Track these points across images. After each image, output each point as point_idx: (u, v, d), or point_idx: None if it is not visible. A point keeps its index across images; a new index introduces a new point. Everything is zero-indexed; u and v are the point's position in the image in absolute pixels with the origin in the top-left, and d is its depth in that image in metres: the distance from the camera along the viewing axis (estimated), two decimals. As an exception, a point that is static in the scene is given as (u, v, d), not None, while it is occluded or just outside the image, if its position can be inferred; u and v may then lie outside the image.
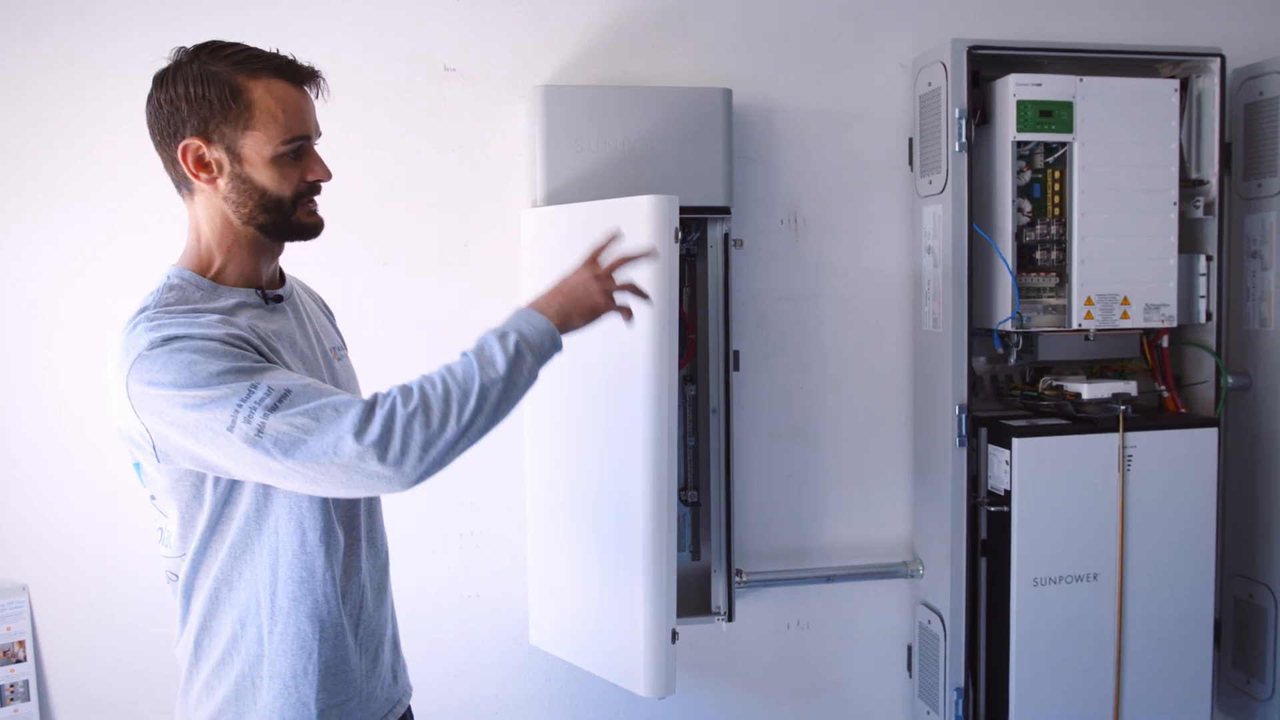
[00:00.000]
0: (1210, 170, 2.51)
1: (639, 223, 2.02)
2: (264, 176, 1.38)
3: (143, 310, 1.33)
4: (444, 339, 2.39)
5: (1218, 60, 2.47)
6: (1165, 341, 2.55)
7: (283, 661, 1.39)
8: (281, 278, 1.53)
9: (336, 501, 1.43)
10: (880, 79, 2.60)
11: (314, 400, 1.25)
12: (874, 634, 2.69)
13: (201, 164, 1.36)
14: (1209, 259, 2.52)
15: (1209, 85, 2.50)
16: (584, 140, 2.30)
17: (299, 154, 1.41)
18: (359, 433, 1.24)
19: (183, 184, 1.40)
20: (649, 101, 2.33)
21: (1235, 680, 2.69)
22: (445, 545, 2.45)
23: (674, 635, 2.07)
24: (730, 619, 2.48)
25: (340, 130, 2.34)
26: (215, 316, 1.32)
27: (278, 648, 1.39)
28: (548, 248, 2.27)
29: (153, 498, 1.40)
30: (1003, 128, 2.39)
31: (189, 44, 1.38)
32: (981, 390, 2.63)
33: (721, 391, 2.43)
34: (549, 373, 1.45)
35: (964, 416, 2.41)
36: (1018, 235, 2.41)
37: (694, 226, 2.44)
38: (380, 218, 2.39)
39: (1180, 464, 2.42)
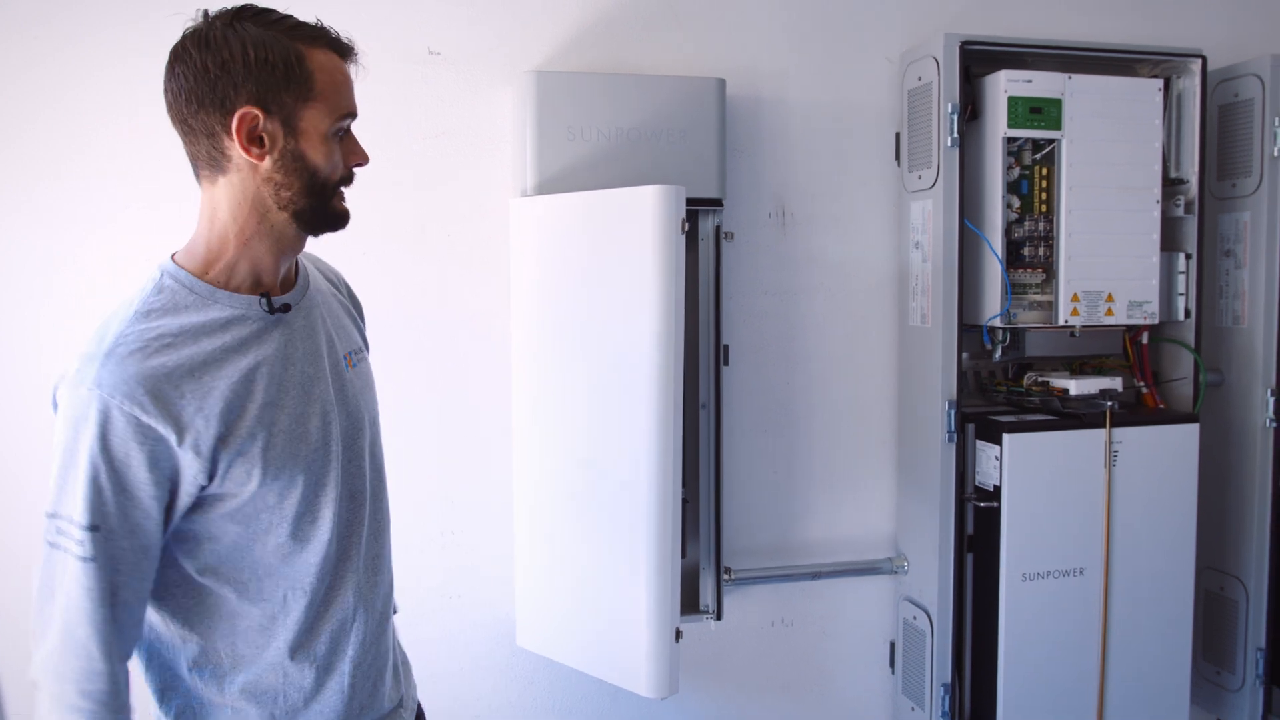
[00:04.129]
0: (1190, 169, 2.55)
1: (644, 214, 1.97)
2: (318, 154, 1.26)
3: (121, 319, 1.22)
4: (424, 328, 2.35)
5: (1199, 61, 2.50)
6: (1145, 338, 2.58)
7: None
8: (295, 278, 1.39)
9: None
10: (868, 73, 2.58)
11: (89, 609, 1.18)
12: (857, 630, 2.68)
13: (252, 137, 1.22)
14: (1188, 257, 2.56)
15: (1190, 85, 2.53)
16: (576, 128, 2.24)
17: (342, 135, 1.31)
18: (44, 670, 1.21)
19: (213, 161, 1.25)
20: (642, 90, 2.28)
21: (1206, 671, 2.74)
22: (425, 545, 2.38)
23: (678, 634, 2.03)
24: (719, 617, 2.45)
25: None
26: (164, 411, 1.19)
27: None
28: (544, 237, 2.20)
29: None
30: (993, 123, 2.38)
31: (209, 9, 1.24)
32: (966, 386, 2.63)
33: (712, 387, 2.40)
34: (544, 369, 1.39)
35: (954, 412, 2.40)
36: (1006, 231, 2.41)
37: (686, 218, 2.39)
38: (359, 204, 2.29)
39: (1163, 460, 2.45)
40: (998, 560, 2.36)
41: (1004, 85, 2.35)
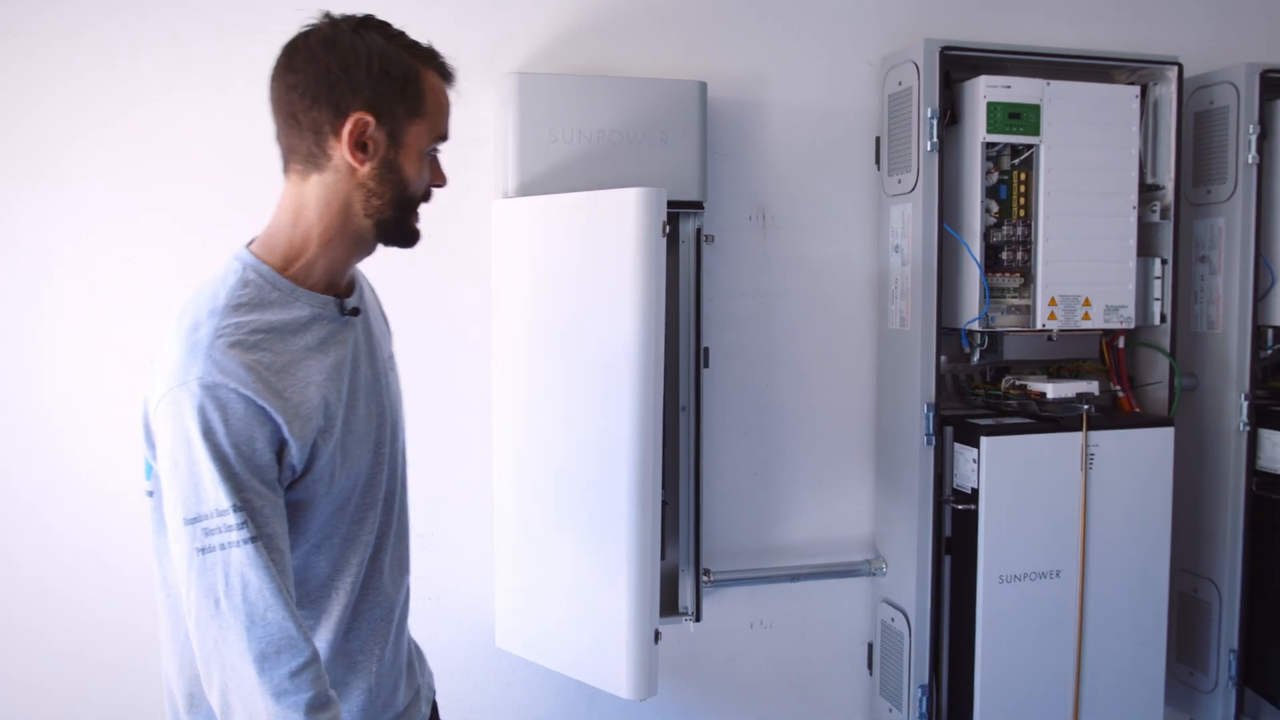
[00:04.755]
0: (1166, 176, 2.57)
1: (626, 216, 1.97)
2: (412, 169, 1.30)
3: (211, 311, 1.20)
4: (405, 329, 2.33)
5: (1175, 69, 2.53)
6: (1121, 342, 2.60)
7: None
8: (353, 283, 1.41)
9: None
10: (848, 77, 2.59)
11: (267, 593, 1.16)
12: (835, 632, 2.69)
13: (359, 142, 1.25)
14: (1164, 262, 2.58)
15: (1166, 93, 2.56)
16: (558, 130, 2.24)
17: (431, 155, 1.35)
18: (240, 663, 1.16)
19: (311, 158, 1.26)
20: (624, 92, 2.28)
21: (1180, 673, 2.77)
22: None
23: (657, 635, 2.03)
24: (698, 619, 2.46)
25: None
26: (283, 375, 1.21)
27: None
28: (526, 239, 2.20)
29: (150, 494, 1.30)
30: (972, 128, 2.40)
31: (332, 11, 1.28)
32: (943, 389, 2.65)
33: (692, 389, 2.40)
34: (525, 370, 1.40)
35: (932, 415, 2.42)
36: (985, 236, 2.43)
37: (667, 220, 2.39)
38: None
39: (1138, 463, 2.47)
40: (975, 562, 2.38)
41: (983, 91, 2.37)
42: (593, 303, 2.07)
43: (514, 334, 2.23)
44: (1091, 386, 2.46)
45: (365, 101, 1.24)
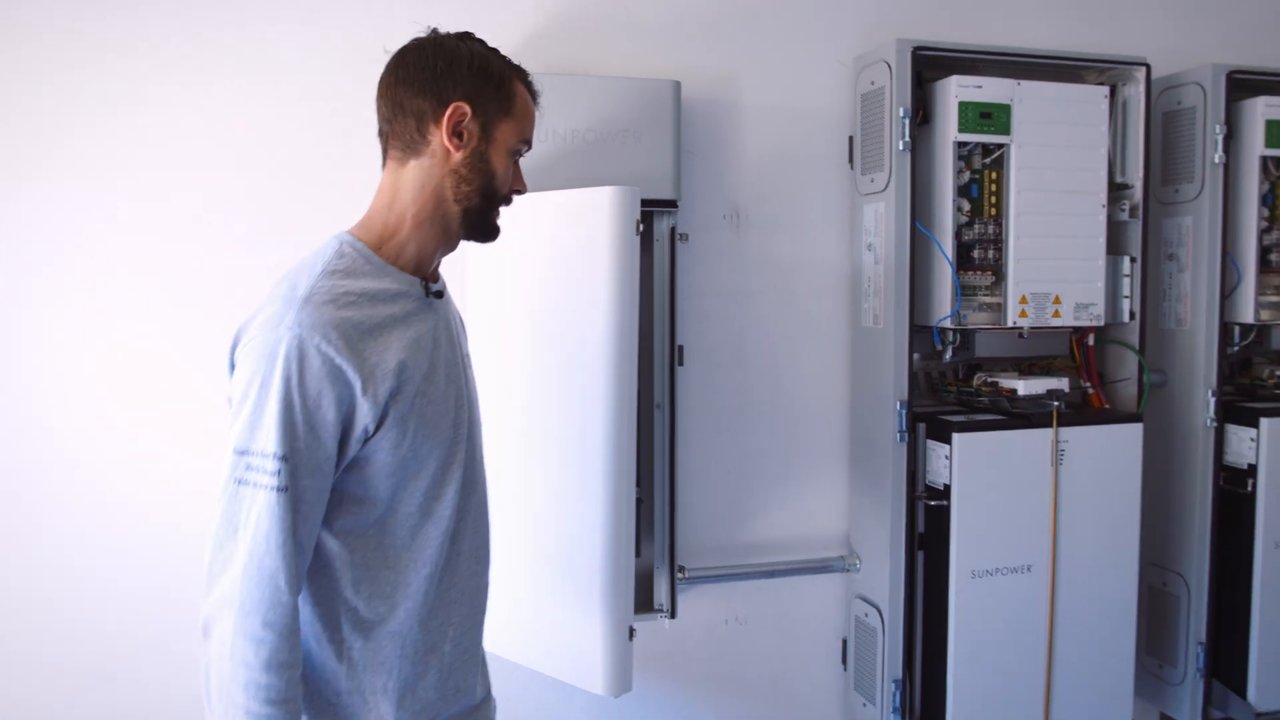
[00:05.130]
0: (1135, 175, 2.60)
1: (600, 214, 1.98)
2: (500, 163, 1.43)
3: (309, 274, 1.32)
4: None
5: (1143, 69, 2.56)
6: (1091, 340, 2.63)
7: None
8: (436, 274, 1.52)
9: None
10: (821, 77, 2.61)
11: (282, 543, 1.26)
12: (810, 628, 2.71)
13: (456, 129, 1.39)
14: (1133, 260, 2.61)
15: (1135, 93, 2.59)
16: (549, 132, 2.24)
17: (517, 158, 1.48)
18: (237, 633, 1.25)
19: (410, 143, 1.40)
20: (598, 91, 2.29)
21: (1149, 665, 2.81)
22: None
23: (631, 632, 2.04)
24: (673, 616, 2.47)
25: (277, 111, 2.26)
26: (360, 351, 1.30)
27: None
28: (500, 238, 2.20)
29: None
30: (944, 128, 2.42)
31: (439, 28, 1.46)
32: (916, 386, 2.67)
33: (666, 387, 2.41)
34: (499, 368, 1.43)
35: (905, 412, 2.44)
36: (956, 234, 2.45)
37: (641, 219, 2.40)
38: (316, 204, 2.29)
39: (1108, 458, 2.50)
40: (947, 558, 2.40)
41: (955, 91, 2.39)
42: (567, 301, 2.07)
43: (488, 332, 2.23)
44: (1062, 383, 2.49)
45: (464, 93, 1.39)
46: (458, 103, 1.38)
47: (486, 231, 1.48)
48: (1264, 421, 2.61)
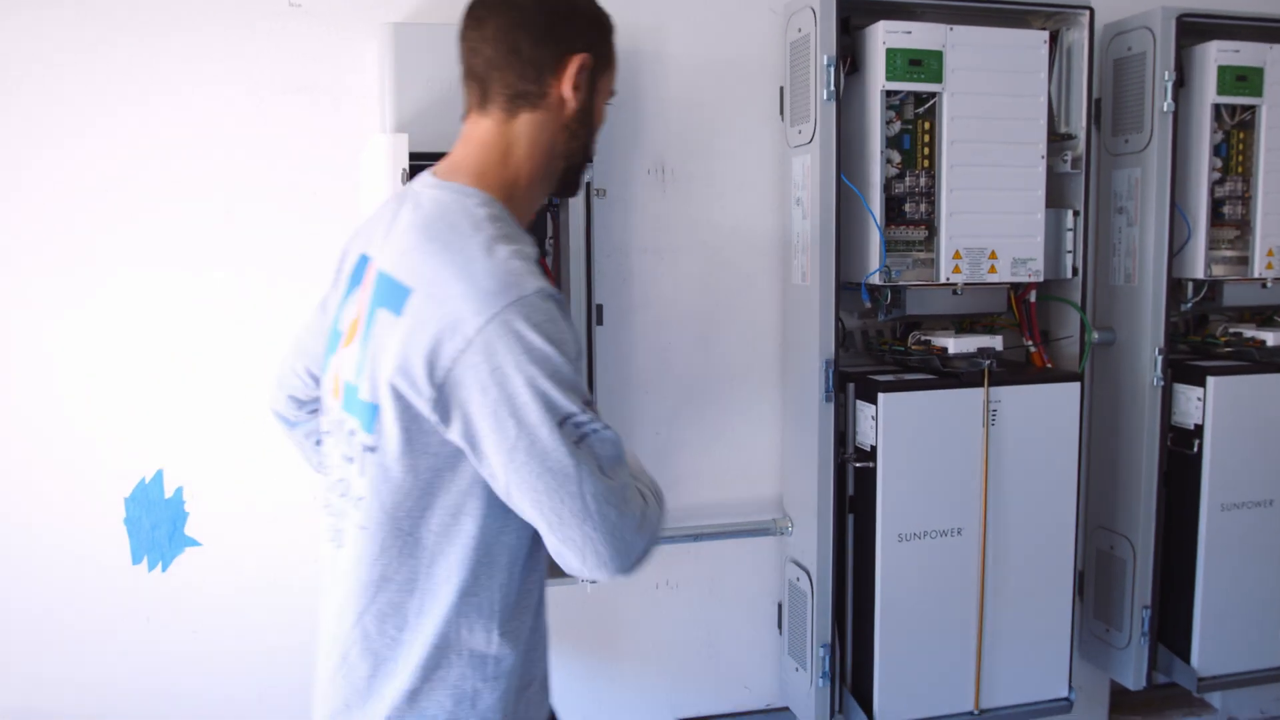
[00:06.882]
0: (1079, 125, 2.50)
1: (378, 163, 1.90)
2: (600, 115, 1.39)
3: (487, 238, 1.21)
4: (286, 285, 2.29)
5: (1086, 13, 2.45)
6: (1033, 296, 2.54)
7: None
8: None
9: None
10: (751, 25, 2.52)
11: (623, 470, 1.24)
12: (745, 592, 2.66)
13: (576, 81, 1.32)
14: (1076, 214, 2.52)
15: (1079, 38, 2.48)
16: (436, 80, 2.17)
17: None
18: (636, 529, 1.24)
19: (524, 94, 1.30)
20: (506, 41, 2.21)
21: (1096, 629, 2.74)
22: (300, 510, 2.34)
23: None
24: (594, 580, 2.42)
25: (176, 66, 2.21)
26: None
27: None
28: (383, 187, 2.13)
29: (371, 449, 1.26)
30: (872, 76, 2.33)
31: None
32: (853, 346, 2.60)
33: (584, 348, 2.35)
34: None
35: (831, 371, 2.37)
36: (886, 187, 2.36)
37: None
38: (219, 160, 2.25)
39: (1044, 419, 2.42)
40: (874, 520, 2.34)
41: (881, 37, 2.29)
42: None
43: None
44: (994, 341, 2.41)
45: (586, 43, 1.32)
46: (581, 54, 1.31)
47: (574, 186, 1.43)
48: (1211, 380, 2.52)
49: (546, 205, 2.37)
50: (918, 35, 2.31)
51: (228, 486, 2.31)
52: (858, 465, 2.40)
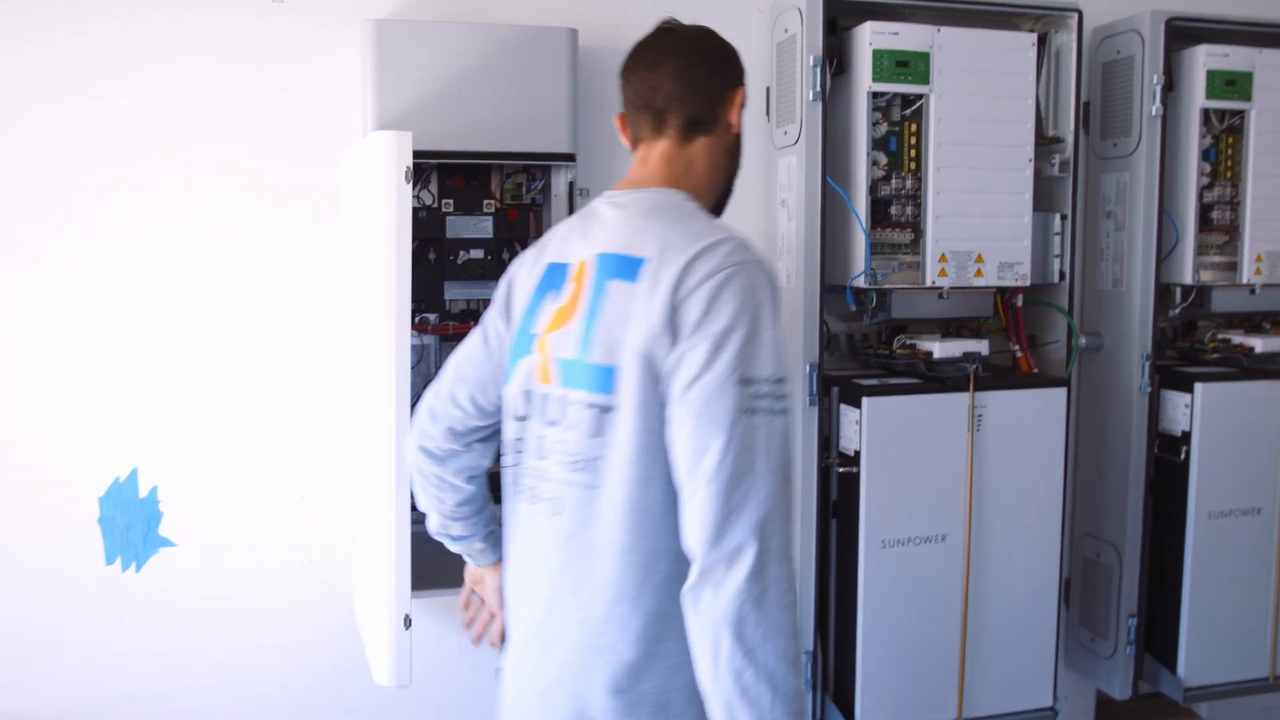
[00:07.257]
0: (1067, 128, 2.48)
1: (377, 162, 1.82)
2: (741, 142, 1.54)
3: (706, 217, 1.39)
4: (264, 283, 2.27)
5: (1075, 16, 2.43)
6: (1020, 301, 2.52)
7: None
8: None
9: None
10: (738, 24, 2.47)
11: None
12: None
13: (738, 110, 1.49)
14: (1064, 218, 2.50)
15: (1067, 41, 2.46)
16: (419, 79, 2.16)
17: None
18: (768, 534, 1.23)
19: (699, 120, 1.45)
20: (490, 39, 2.19)
21: (1082, 638, 2.72)
22: (275, 510, 2.32)
23: (407, 620, 1.83)
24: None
25: (162, 61, 2.19)
26: None
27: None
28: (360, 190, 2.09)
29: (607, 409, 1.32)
30: (859, 78, 2.31)
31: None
32: (838, 349, 2.58)
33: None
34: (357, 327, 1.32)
35: (815, 375, 2.34)
36: (872, 189, 2.34)
37: (539, 174, 2.33)
38: (200, 158, 2.23)
39: (1030, 424, 2.40)
40: (857, 526, 2.31)
41: (868, 38, 2.28)
42: (361, 257, 1.97)
43: (353, 291, 2.14)
44: (980, 346, 2.38)
45: (740, 79, 1.50)
46: (740, 88, 1.49)
47: (725, 206, 1.56)
48: (1199, 386, 2.50)
49: (529, 205, 2.35)
50: (905, 36, 2.29)
51: (202, 486, 2.28)
52: (841, 470, 2.37)
